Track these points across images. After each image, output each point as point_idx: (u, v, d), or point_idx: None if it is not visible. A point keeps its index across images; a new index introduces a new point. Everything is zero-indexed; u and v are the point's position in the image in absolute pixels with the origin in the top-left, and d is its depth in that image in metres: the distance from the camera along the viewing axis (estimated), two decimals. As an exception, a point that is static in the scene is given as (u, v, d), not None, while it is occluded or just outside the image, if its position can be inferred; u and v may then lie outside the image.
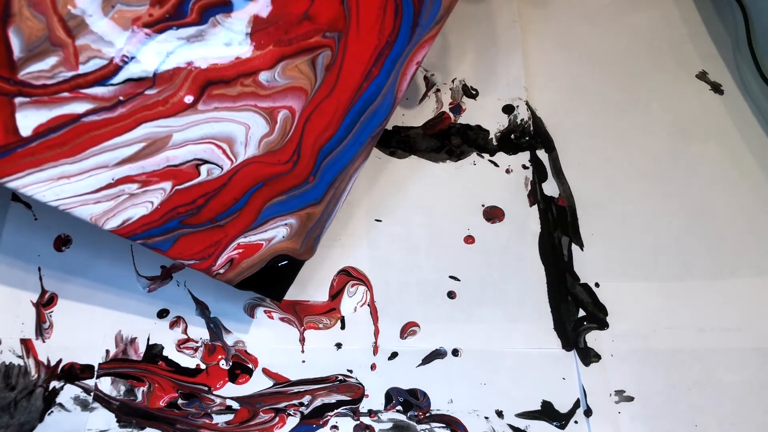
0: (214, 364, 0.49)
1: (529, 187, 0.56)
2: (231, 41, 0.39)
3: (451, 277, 0.52)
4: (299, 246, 0.46)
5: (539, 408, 0.48)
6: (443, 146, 0.57)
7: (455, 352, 0.50)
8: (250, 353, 0.49)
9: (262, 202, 0.43)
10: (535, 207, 0.55)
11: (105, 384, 0.48)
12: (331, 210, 0.48)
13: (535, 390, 0.48)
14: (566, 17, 0.64)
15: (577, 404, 0.48)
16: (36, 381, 0.48)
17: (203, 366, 0.49)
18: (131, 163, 0.38)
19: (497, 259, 0.53)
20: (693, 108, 0.59)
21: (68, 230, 0.53)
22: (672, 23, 0.64)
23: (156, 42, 0.37)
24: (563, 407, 0.48)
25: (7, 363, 0.49)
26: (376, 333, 0.50)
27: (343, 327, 0.50)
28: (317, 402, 0.48)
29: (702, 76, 0.61)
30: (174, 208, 0.41)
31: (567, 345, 0.50)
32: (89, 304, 0.51)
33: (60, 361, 0.49)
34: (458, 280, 0.52)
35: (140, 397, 0.48)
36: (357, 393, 0.48)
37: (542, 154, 0.57)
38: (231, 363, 0.49)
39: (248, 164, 0.42)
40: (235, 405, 0.48)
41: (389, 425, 0.47)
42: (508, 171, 0.56)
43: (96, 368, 0.49)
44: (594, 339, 0.50)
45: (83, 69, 0.36)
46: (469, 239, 0.54)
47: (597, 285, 0.52)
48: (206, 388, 0.48)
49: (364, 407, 0.48)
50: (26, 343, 0.49)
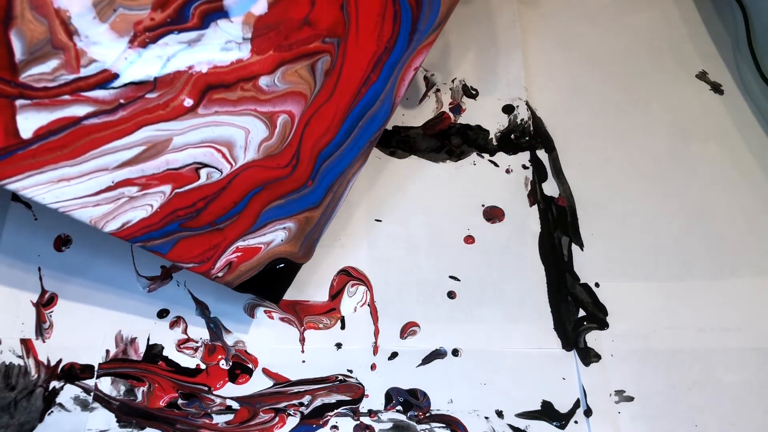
0: (214, 364, 0.49)
1: (529, 187, 0.56)
2: (231, 46, 0.39)
3: (451, 277, 0.52)
4: (298, 249, 0.46)
5: (539, 408, 0.48)
6: (443, 146, 0.57)
7: (455, 352, 0.50)
8: (250, 353, 0.49)
9: (261, 206, 0.44)
10: (535, 207, 0.55)
11: (105, 384, 0.48)
12: (330, 214, 0.48)
13: (535, 390, 0.48)
14: (566, 17, 0.64)
15: (577, 404, 0.48)
16: (36, 381, 0.48)
17: (203, 366, 0.49)
18: (131, 166, 0.38)
19: (497, 259, 0.53)
20: (693, 108, 0.59)
21: (68, 230, 0.53)
22: (672, 23, 0.64)
23: (157, 46, 0.37)
24: (563, 407, 0.48)
25: (7, 363, 0.49)
26: (376, 333, 0.50)
27: (343, 327, 0.50)
28: (317, 402, 0.48)
29: (702, 76, 0.61)
30: (173, 211, 0.41)
31: (567, 345, 0.50)
32: (89, 304, 0.51)
33: (60, 361, 0.49)
34: (458, 280, 0.52)
35: (140, 397, 0.48)
36: (357, 393, 0.48)
37: (542, 154, 0.57)
38: (231, 363, 0.49)
39: (248, 168, 0.42)
40: (235, 405, 0.48)
41: (389, 425, 0.47)
42: (508, 171, 0.56)
43: (96, 368, 0.49)
44: (594, 339, 0.50)
45: (84, 72, 0.36)
46: (469, 239, 0.54)
47: (597, 285, 0.52)
48: (206, 388, 0.48)
49: (364, 407, 0.48)
50: (26, 343, 0.49)
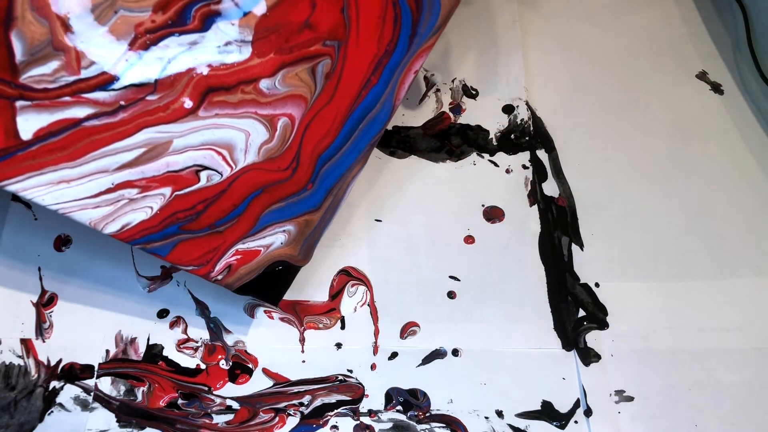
0: (214, 364, 0.49)
1: (529, 187, 0.56)
2: (232, 48, 0.39)
3: (451, 277, 0.52)
4: (297, 252, 0.47)
5: (539, 408, 0.48)
6: (443, 146, 0.57)
7: (455, 352, 0.50)
8: (250, 353, 0.49)
9: (261, 209, 0.44)
10: (535, 207, 0.55)
11: (105, 384, 0.48)
12: (330, 217, 0.48)
13: (535, 390, 0.48)
14: (566, 17, 0.64)
15: (577, 404, 0.48)
16: (36, 381, 0.48)
17: (203, 366, 0.49)
18: (131, 168, 0.38)
19: (497, 259, 0.53)
20: (693, 108, 0.59)
21: (68, 230, 0.53)
22: (672, 23, 0.64)
23: (158, 48, 0.37)
24: (563, 407, 0.48)
25: (7, 363, 0.49)
26: (376, 333, 0.50)
27: (343, 327, 0.50)
28: (317, 402, 0.48)
29: (702, 76, 0.61)
30: (173, 214, 0.41)
31: (567, 345, 0.50)
32: (89, 304, 0.51)
33: (60, 361, 0.49)
34: (458, 280, 0.52)
35: (140, 397, 0.48)
36: (357, 393, 0.48)
37: (542, 154, 0.57)
38: (231, 363, 0.49)
39: (248, 171, 0.42)
40: (235, 405, 0.48)
41: (389, 425, 0.47)
42: (508, 171, 0.56)
43: (96, 368, 0.49)
44: (594, 339, 0.50)
45: (85, 74, 0.36)
46: (469, 239, 0.54)
47: (597, 285, 0.52)
48: (206, 388, 0.48)
49: (364, 407, 0.48)
50: (26, 343, 0.49)
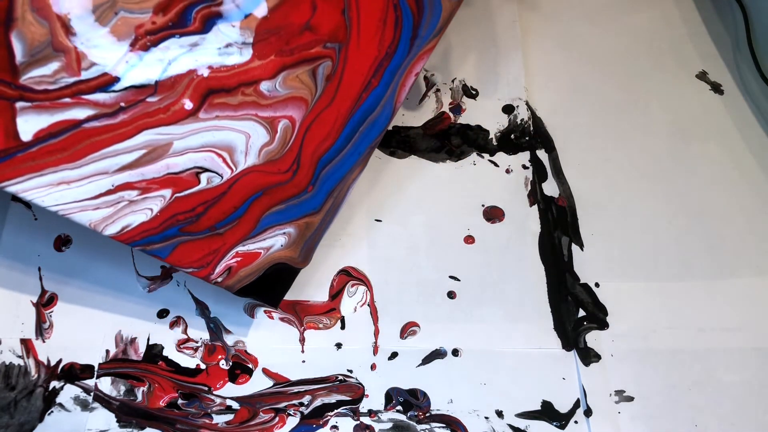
0: (214, 364, 0.49)
1: (529, 187, 0.56)
2: (233, 50, 0.39)
3: (451, 277, 0.52)
4: (297, 255, 0.47)
5: (539, 408, 0.48)
6: (443, 146, 0.57)
7: (455, 352, 0.50)
8: (250, 353, 0.49)
9: (261, 211, 0.44)
10: (535, 207, 0.55)
11: (105, 384, 0.48)
12: (330, 219, 0.48)
13: (535, 390, 0.48)
14: (566, 17, 0.64)
15: (577, 404, 0.48)
16: (36, 381, 0.48)
17: (203, 366, 0.49)
18: (131, 170, 0.38)
19: (497, 259, 0.53)
20: (693, 108, 0.59)
21: (68, 230, 0.53)
22: (672, 23, 0.64)
23: (158, 50, 0.37)
24: (563, 407, 0.48)
25: (7, 363, 0.49)
26: (376, 333, 0.50)
27: (343, 327, 0.50)
28: (317, 402, 0.48)
29: (702, 76, 0.61)
30: (173, 216, 0.40)
31: (567, 345, 0.50)
32: (89, 304, 0.51)
33: (60, 361, 0.49)
34: (458, 280, 0.52)
35: (140, 397, 0.48)
36: (357, 393, 0.48)
37: (542, 154, 0.57)
38: (231, 363, 0.49)
39: (248, 173, 0.42)
40: (235, 405, 0.48)
41: (389, 425, 0.47)
42: (508, 171, 0.56)
43: (96, 368, 0.49)
44: (594, 339, 0.50)
45: (85, 75, 0.36)
46: (469, 239, 0.54)
47: (597, 285, 0.52)
48: (206, 388, 0.48)
49: (364, 407, 0.48)
50: (26, 343, 0.49)
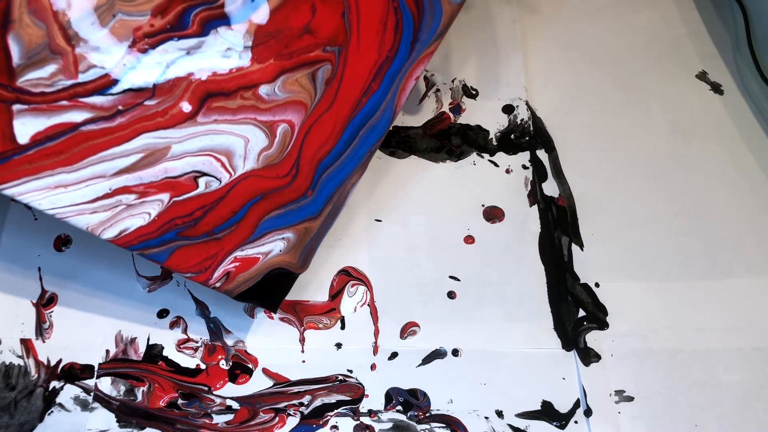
0: (214, 364, 0.49)
1: (529, 187, 0.56)
2: (231, 54, 0.39)
3: (451, 277, 0.52)
4: (296, 260, 0.46)
5: (539, 408, 0.48)
6: (443, 146, 0.57)
7: (455, 352, 0.50)
8: (250, 353, 0.49)
9: (260, 216, 0.43)
10: (535, 207, 0.55)
11: (105, 384, 0.48)
12: (329, 224, 0.48)
13: (535, 390, 0.48)
14: (566, 17, 0.64)
15: (577, 404, 0.48)
16: (36, 381, 0.48)
17: (203, 366, 0.49)
18: (129, 174, 0.38)
19: (497, 259, 0.53)
20: (693, 108, 0.59)
21: (68, 231, 0.53)
22: (672, 23, 0.64)
23: (156, 52, 0.37)
24: (563, 407, 0.48)
25: (7, 363, 0.49)
26: (376, 333, 0.50)
27: (343, 327, 0.50)
28: (317, 402, 0.48)
29: (702, 76, 0.61)
30: (171, 220, 0.40)
31: (567, 345, 0.50)
32: (89, 305, 0.51)
33: (60, 361, 0.49)
34: (458, 280, 0.52)
35: (140, 397, 0.48)
36: (357, 393, 0.48)
37: (542, 154, 0.57)
38: (231, 363, 0.49)
39: (247, 177, 0.42)
40: (235, 405, 0.48)
41: (389, 425, 0.47)
42: (508, 171, 0.56)
43: (96, 368, 0.49)
44: (594, 339, 0.50)
45: (83, 78, 0.35)
46: (469, 239, 0.54)
47: (597, 285, 0.52)
48: (206, 388, 0.48)
49: (364, 407, 0.48)
50: (26, 343, 0.49)
